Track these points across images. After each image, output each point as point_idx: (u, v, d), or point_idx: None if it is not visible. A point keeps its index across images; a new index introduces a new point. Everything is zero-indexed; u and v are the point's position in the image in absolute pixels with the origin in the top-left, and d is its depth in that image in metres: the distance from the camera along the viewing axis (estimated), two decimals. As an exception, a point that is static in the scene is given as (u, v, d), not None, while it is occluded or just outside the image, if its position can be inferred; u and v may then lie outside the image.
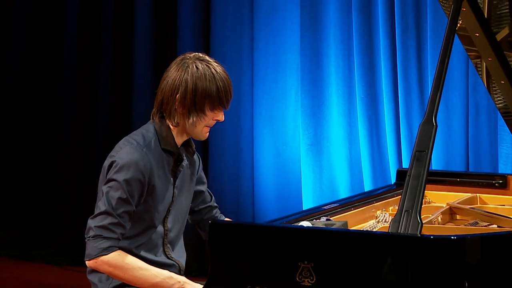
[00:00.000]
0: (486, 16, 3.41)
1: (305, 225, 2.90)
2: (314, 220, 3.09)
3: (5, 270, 6.17)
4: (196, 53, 3.02)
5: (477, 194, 3.78)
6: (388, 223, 3.13)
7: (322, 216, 3.16)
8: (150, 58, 6.20)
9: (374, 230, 3.25)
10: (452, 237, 2.45)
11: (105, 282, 3.00)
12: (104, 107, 6.42)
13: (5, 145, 6.84)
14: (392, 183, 4.18)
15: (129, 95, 6.29)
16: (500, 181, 3.80)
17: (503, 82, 3.50)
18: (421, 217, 2.62)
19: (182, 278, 2.95)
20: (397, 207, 2.72)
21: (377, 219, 3.44)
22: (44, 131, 6.69)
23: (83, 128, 6.53)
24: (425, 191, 2.78)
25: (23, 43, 6.78)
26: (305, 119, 5.63)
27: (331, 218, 3.16)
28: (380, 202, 3.59)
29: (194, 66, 2.95)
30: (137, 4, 6.23)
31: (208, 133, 3.04)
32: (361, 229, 3.29)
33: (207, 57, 3.01)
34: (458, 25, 3.17)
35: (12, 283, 5.83)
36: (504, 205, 3.65)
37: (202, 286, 2.76)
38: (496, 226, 3.26)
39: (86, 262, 2.91)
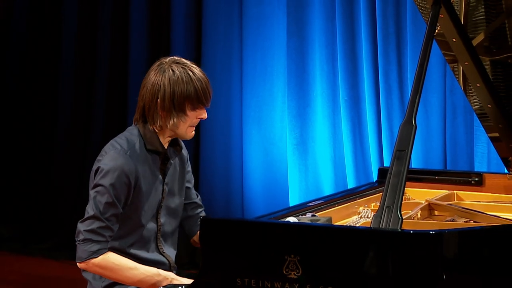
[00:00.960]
0: (462, 23, 3.41)
1: (291, 221, 2.90)
2: (300, 216, 3.08)
3: (6, 263, 6.16)
4: (172, 57, 2.98)
5: (454, 191, 3.78)
6: (370, 218, 3.13)
7: (307, 212, 3.15)
8: (144, 62, 6.18)
9: (357, 225, 3.25)
10: (431, 232, 2.45)
11: (99, 280, 2.99)
12: (100, 108, 6.39)
13: (5, 144, 6.79)
14: (374, 181, 4.18)
15: (125, 96, 6.27)
16: (476, 179, 3.80)
17: (478, 85, 3.50)
18: (402, 213, 2.63)
19: (170, 274, 2.94)
20: (378, 204, 2.71)
21: (360, 215, 3.44)
22: (43, 130, 6.65)
23: (81, 128, 6.51)
24: (405, 188, 2.77)
25: (23, 43, 6.70)
26: (292, 120, 5.62)
27: (316, 214, 3.16)
28: (363, 199, 3.58)
29: (171, 70, 2.92)
30: (132, 8, 6.22)
31: (193, 132, 3.01)
32: (345, 224, 3.29)
33: (183, 60, 2.97)
34: (436, 31, 3.17)
35: (13, 276, 5.82)
36: (479, 202, 3.65)
37: (192, 280, 2.75)
38: (472, 221, 3.26)
39: (78, 264, 2.90)
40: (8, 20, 6.73)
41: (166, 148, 3.01)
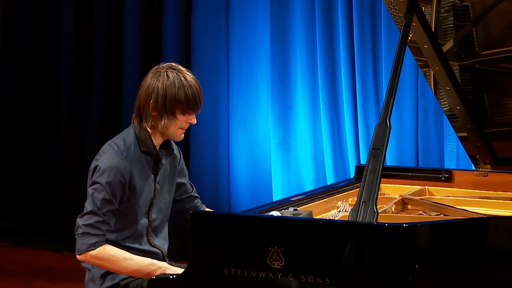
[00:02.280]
0: (433, 30, 3.42)
1: (275, 215, 2.89)
2: (283, 210, 3.08)
3: (8, 254, 6.13)
4: (170, 63, 2.99)
5: (426, 187, 3.79)
6: (348, 212, 3.13)
7: (290, 207, 3.15)
8: (137, 66, 6.17)
9: (336, 218, 3.25)
10: (404, 225, 2.45)
11: (98, 268, 2.98)
12: (98, 108, 6.36)
13: (6, 143, 6.73)
14: (352, 177, 4.18)
15: (120, 96, 6.24)
16: (446, 175, 3.81)
17: (448, 88, 3.51)
18: (377, 207, 2.63)
19: (164, 264, 2.93)
20: (356, 199, 2.71)
21: (338, 209, 3.44)
22: (43, 129, 6.60)
23: (79, 128, 6.47)
24: (381, 184, 2.77)
25: (23, 43, 6.61)
26: (275, 121, 5.62)
27: (297, 208, 3.16)
28: (341, 194, 3.58)
29: (165, 75, 2.92)
30: (127, 16, 6.19)
31: (183, 135, 3.00)
32: (324, 218, 3.29)
33: (179, 66, 2.97)
34: (409, 38, 3.17)
35: (14, 267, 5.79)
36: (449, 196, 3.66)
37: (183, 269, 2.74)
38: (442, 215, 3.27)
39: (77, 256, 2.89)
40: (8, 20, 6.63)
41: (158, 150, 3.01)
